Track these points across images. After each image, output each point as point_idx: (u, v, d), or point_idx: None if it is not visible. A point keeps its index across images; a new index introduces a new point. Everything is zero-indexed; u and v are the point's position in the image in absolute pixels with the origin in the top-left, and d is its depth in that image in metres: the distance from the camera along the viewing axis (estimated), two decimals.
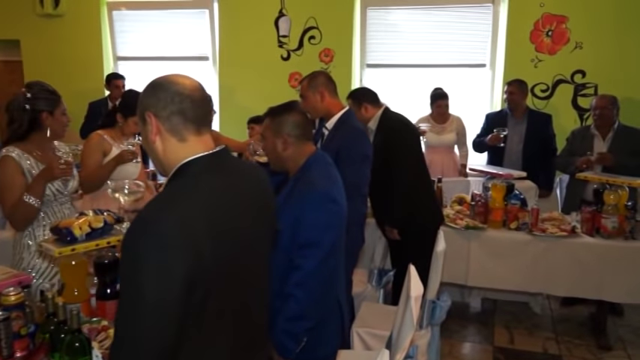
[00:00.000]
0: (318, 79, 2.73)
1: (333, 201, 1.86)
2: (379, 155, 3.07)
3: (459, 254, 3.43)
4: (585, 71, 4.81)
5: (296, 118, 1.99)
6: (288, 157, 1.99)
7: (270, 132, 2.01)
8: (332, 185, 1.92)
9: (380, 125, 3.17)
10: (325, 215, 1.83)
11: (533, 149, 4.36)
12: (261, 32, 5.52)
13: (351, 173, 2.51)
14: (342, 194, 1.95)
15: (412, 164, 3.11)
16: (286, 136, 1.97)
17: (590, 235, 3.30)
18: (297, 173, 1.99)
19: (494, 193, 3.44)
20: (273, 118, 2.01)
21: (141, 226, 1.09)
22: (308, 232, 1.81)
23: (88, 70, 5.92)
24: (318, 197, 1.84)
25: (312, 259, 1.78)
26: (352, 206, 2.50)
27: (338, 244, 1.88)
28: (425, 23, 5.26)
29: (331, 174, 1.99)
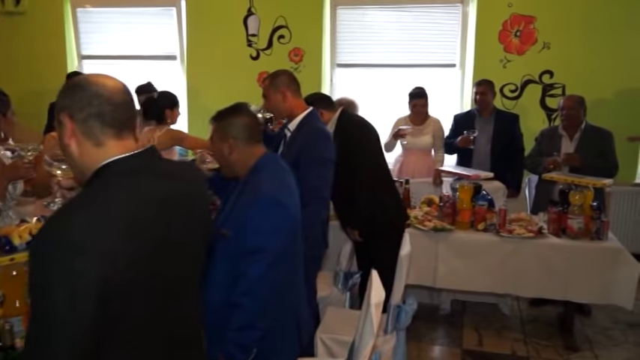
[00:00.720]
0: (279, 79, 2.66)
1: (280, 205, 1.79)
2: (338, 157, 3.02)
3: (427, 256, 3.39)
4: (553, 71, 4.83)
5: (242, 121, 1.93)
6: (236, 161, 1.93)
7: (216, 136, 1.95)
8: (280, 189, 1.86)
9: (337, 128, 3.11)
10: (271, 220, 1.76)
11: (500, 149, 4.35)
12: (230, 31, 5.42)
13: (311, 176, 2.46)
14: (292, 198, 1.89)
15: (370, 164, 3.06)
16: (232, 140, 1.91)
17: (557, 235, 3.30)
18: (245, 177, 1.93)
19: (462, 194, 3.41)
20: (219, 122, 1.95)
21: (48, 231, 1.01)
22: (253, 238, 1.75)
23: (51, 69, 5.73)
24: (264, 201, 1.78)
25: (259, 266, 1.72)
26: (312, 210, 2.45)
27: (290, 249, 1.82)
28: (395, 23, 5.22)
29: (281, 177, 1.92)
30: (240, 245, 1.77)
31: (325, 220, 2.60)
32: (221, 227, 1.85)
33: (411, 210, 3.64)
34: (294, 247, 1.85)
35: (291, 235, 1.83)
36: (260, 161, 1.92)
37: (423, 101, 4.41)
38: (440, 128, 4.50)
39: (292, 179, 1.98)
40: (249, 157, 1.93)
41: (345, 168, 2.97)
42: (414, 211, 3.66)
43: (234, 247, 1.78)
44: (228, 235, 1.80)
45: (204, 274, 1.85)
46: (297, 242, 1.90)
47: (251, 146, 1.94)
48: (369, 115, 4.81)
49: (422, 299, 3.96)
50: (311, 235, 2.44)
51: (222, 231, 1.82)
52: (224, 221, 1.87)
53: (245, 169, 1.93)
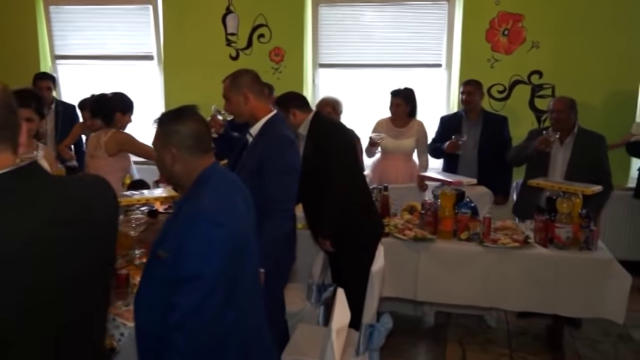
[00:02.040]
0: (241, 79, 2.46)
1: (218, 225, 1.57)
2: (310, 162, 2.83)
3: (407, 267, 3.20)
4: (542, 72, 4.66)
5: (188, 129, 1.70)
6: (179, 172, 1.72)
7: (158, 143, 1.73)
8: (221, 205, 1.64)
9: (310, 131, 2.91)
10: (207, 242, 1.55)
11: (489, 153, 4.17)
12: (208, 30, 5.22)
13: (273, 186, 2.27)
14: (236, 215, 1.68)
15: (344, 173, 2.84)
16: (175, 150, 1.69)
17: (544, 245, 3.11)
18: (187, 191, 1.72)
19: (444, 201, 3.22)
20: (162, 127, 1.73)
21: None
22: (186, 263, 1.54)
23: (23, 70, 5.47)
24: (200, 221, 1.57)
25: (192, 296, 1.51)
26: (274, 223, 2.26)
27: (232, 275, 1.61)
28: (379, 21, 5.04)
29: (225, 192, 1.71)
30: (174, 270, 1.57)
31: (290, 232, 2.40)
32: (158, 247, 1.65)
33: (390, 218, 3.45)
34: (238, 270, 1.65)
35: (233, 258, 1.62)
36: (204, 174, 1.72)
37: (398, 100, 4.20)
38: (424, 132, 4.30)
39: (241, 193, 1.79)
40: (194, 169, 1.72)
41: (316, 175, 2.78)
42: (394, 219, 3.47)
43: (168, 271, 1.57)
44: (165, 256, 1.59)
45: (139, 300, 1.66)
46: (245, 264, 1.70)
47: (197, 157, 1.72)
48: (353, 116, 4.69)
49: (405, 311, 3.79)
50: (273, 249, 2.25)
51: (158, 252, 1.62)
52: (161, 240, 1.67)
53: (189, 182, 1.73)
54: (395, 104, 4.20)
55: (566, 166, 3.61)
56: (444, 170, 4.27)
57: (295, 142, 2.45)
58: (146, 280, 1.67)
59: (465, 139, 4.04)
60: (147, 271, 1.69)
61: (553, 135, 3.57)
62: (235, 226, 1.64)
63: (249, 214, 1.78)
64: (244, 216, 1.73)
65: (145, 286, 1.66)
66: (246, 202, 1.80)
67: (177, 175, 1.74)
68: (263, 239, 2.23)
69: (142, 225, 2.44)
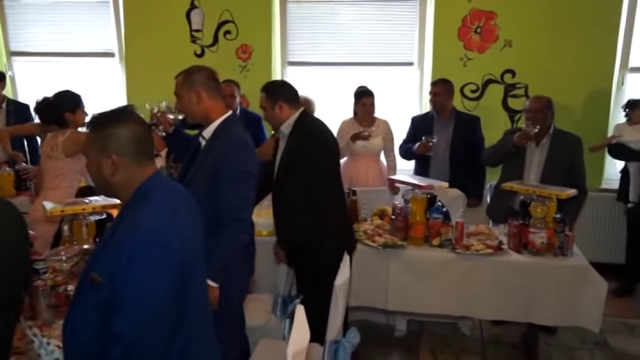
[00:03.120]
0: (195, 76, 2.25)
1: (161, 245, 1.39)
2: (285, 165, 2.65)
3: (377, 275, 3.06)
4: (515, 71, 4.56)
5: (130, 131, 1.51)
6: (119, 183, 1.52)
7: (93, 151, 1.52)
8: (165, 222, 1.46)
9: (293, 131, 2.68)
10: (148, 266, 1.37)
11: (461, 154, 4.05)
12: (172, 26, 5.00)
13: (229, 194, 2.10)
14: (181, 231, 1.50)
15: (319, 183, 2.60)
16: (115, 157, 1.49)
17: (518, 251, 2.99)
18: (125, 204, 1.54)
19: (415, 206, 3.08)
20: (97, 131, 1.52)
21: None
22: (126, 290, 1.36)
23: None
24: (141, 241, 1.38)
25: (135, 326, 1.34)
26: (229, 234, 2.09)
27: (176, 297, 1.43)
28: (349, 18, 4.88)
29: (170, 205, 1.53)
30: (111, 296, 1.38)
31: (248, 243, 2.22)
32: (92, 269, 1.45)
33: (360, 223, 3.30)
34: (186, 293, 1.47)
35: (180, 280, 1.44)
36: (144, 185, 1.53)
37: (372, 99, 4.05)
38: (389, 130, 4.17)
39: (187, 204, 1.60)
40: (135, 179, 1.53)
41: (292, 179, 2.59)
42: (364, 224, 3.32)
43: (109, 298, 1.38)
44: (100, 281, 1.40)
45: (68, 329, 1.47)
46: (193, 285, 1.52)
47: (140, 165, 1.54)
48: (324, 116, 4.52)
49: (376, 319, 3.65)
50: (229, 262, 2.08)
51: (92, 274, 1.43)
52: (95, 260, 1.47)
53: (128, 194, 1.54)
54: (369, 103, 4.05)
55: (541, 167, 3.50)
56: (416, 172, 4.14)
57: (251, 145, 2.25)
58: (77, 307, 1.47)
59: (435, 140, 3.91)
60: (78, 296, 1.49)
61: (533, 129, 3.45)
62: (181, 245, 1.46)
63: (195, 227, 1.60)
64: (191, 231, 1.55)
65: (76, 314, 1.47)
66: (193, 214, 1.62)
67: (116, 187, 1.54)
68: (218, 251, 2.07)
69: (75, 257, 2.12)
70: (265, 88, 2.75)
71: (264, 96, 2.72)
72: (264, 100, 2.71)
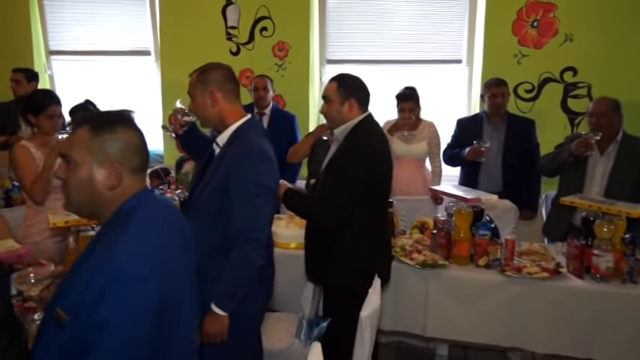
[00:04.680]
0: (209, 75, 1.99)
1: (139, 280, 1.16)
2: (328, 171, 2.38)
3: (414, 297, 2.74)
4: (577, 68, 4.13)
5: (134, 137, 1.32)
6: (109, 200, 1.30)
7: (87, 156, 1.29)
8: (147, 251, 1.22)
9: (347, 137, 2.35)
10: (123, 303, 1.14)
11: (514, 161, 3.67)
12: (208, 23, 4.81)
13: (241, 212, 1.83)
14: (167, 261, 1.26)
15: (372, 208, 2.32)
16: (118, 165, 1.28)
17: (579, 276, 2.60)
18: (103, 226, 1.30)
19: (459, 221, 2.74)
20: (99, 134, 1.29)
21: None
22: (96, 330, 1.14)
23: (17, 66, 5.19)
24: (115, 274, 1.15)
25: None
26: (241, 257, 1.83)
27: (160, 337, 1.19)
28: (393, 13, 4.55)
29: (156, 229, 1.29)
30: (81, 337, 1.15)
31: (263, 266, 1.94)
32: (57, 303, 1.22)
33: (397, 238, 2.98)
34: (168, 332, 1.23)
35: (161, 319, 1.20)
36: (130, 202, 1.30)
37: (411, 105, 3.70)
38: (435, 133, 3.81)
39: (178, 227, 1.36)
40: (123, 194, 1.31)
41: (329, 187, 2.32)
42: (402, 238, 3.00)
43: (76, 339, 1.16)
44: (65, 319, 1.17)
45: None
46: (178, 322, 1.28)
47: (132, 179, 1.33)
48: None
49: (414, 342, 3.32)
50: (240, 288, 1.83)
51: (57, 310, 1.20)
52: (62, 294, 1.24)
53: (110, 211, 1.31)
54: (407, 109, 3.70)
55: (606, 179, 3.08)
56: (463, 181, 3.78)
57: (270, 155, 1.95)
58: (40, 349, 1.25)
59: (488, 145, 3.54)
60: (42, 335, 1.27)
61: (594, 136, 3.05)
62: (163, 279, 1.22)
63: (184, 257, 1.35)
64: (178, 263, 1.31)
65: (40, 357, 1.24)
66: (185, 241, 1.38)
67: (105, 204, 1.31)
68: (227, 277, 1.82)
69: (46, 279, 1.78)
70: (339, 77, 2.41)
71: (334, 86, 2.37)
72: (332, 91, 2.36)
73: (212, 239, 1.84)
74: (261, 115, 4.07)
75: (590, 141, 3.06)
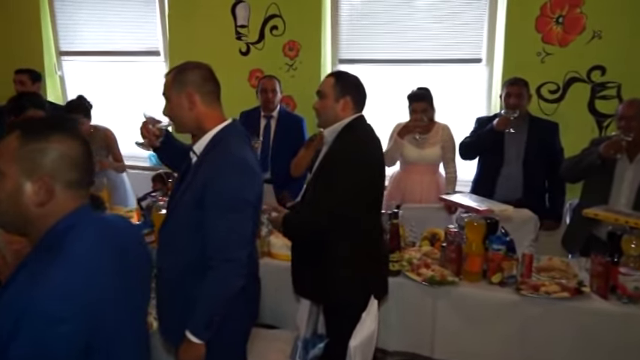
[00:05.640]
0: (188, 75, 1.79)
1: (57, 321, 0.99)
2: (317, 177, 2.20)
3: (421, 316, 2.53)
4: (605, 67, 3.82)
5: (70, 148, 1.15)
6: (39, 217, 1.13)
7: (14, 166, 1.13)
8: (78, 284, 1.06)
9: (337, 139, 2.18)
10: (34, 346, 0.99)
11: (535, 166, 3.43)
12: (217, 21, 4.67)
13: (218, 227, 1.64)
14: (104, 295, 1.09)
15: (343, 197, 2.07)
16: (48, 179, 1.12)
17: (603, 296, 2.36)
18: (35, 246, 1.14)
19: (470, 233, 2.52)
20: (27, 142, 1.14)
21: None
22: None
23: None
24: (31, 311, 0.99)
25: None
26: (218, 277, 1.62)
27: None
28: (408, 10, 4.31)
29: (96, 257, 1.12)
30: None
31: (244, 287, 1.74)
32: None
33: (403, 251, 2.76)
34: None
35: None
36: (65, 221, 1.13)
37: (423, 105, 3.47)
38: (450, 137, 3.58)
39: (121, 252, 1.19)
40: (55, 212, 1.15)
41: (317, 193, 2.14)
42: (410, 251, 2.79)
43: None
44: None
45: None
46: None
47: (68, 195, 1.16)
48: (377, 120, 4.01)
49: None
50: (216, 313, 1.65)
51: None
52: None
53: (41, 232, 1.14)
54: (419, 110, 3.48)
55: (635, 188, 2.81)
56: (476, 188, 3.52)
57: (252, 164, 1.75)
58: None
59: (517, 114, 3.30)
60: None
61: (625, 137, 2.80)
62: (94, 321, 1.05)
63: (136, 287, 1.19)
64: (121, 298, 1.13)
65: None
66: (137, 269, 1.21)
67: (34, 221, 1.15)
68: (203, 301, 1.64)
69: None
70: (337, 73, 2.31)
71: (332, 81, 2.22)
72: (329, 86, 2.21)
73: (189, 254, 1.67)
74: (268, 118, 3.90)
75: (622, 142, 2.80)
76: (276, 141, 3.84)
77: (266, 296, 2.71)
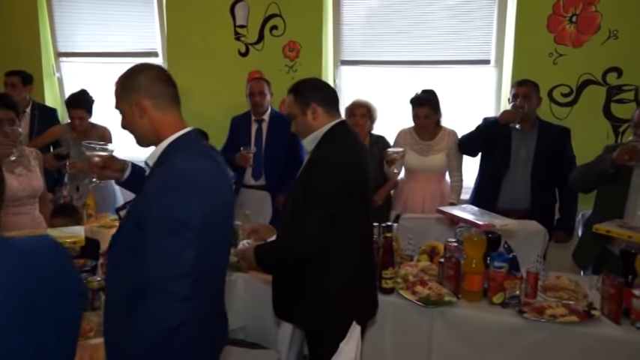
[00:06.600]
0: (134, 79, 1.58)
1: None
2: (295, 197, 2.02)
3: (416, 338, 2.33)
4: (622, 69, 3.61)
5: None
6: None
7: None
8: None
9: (317, 148, 2.01)
10: None
11: (545, 175, 3.22)
12: (215, 21, 4.52)
13: (151, 252, 1.41)
14: None
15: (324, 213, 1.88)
16: None
17: (616, 321, 2.14)
18: None
19: (470, 250, 2.31)
20: None
21: None
22: None
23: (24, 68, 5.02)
24: None
25: None
26: (148, 312, 1.38)
27: None
28: (413, 10, 4.11)
29: None
30: None
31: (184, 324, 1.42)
32: None
33: (401, 265, 2.57)
34: None
35: None
36: None
37: (426, 110, 3.29)
38: (456, 143, 3.38)
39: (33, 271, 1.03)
40: None
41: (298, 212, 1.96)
42: (406, 266, 2.59)
43: None
44: None
45: None
46: None
47: None
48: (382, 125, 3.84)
49: None
50: (146, 354, 1.42)
51: None
52: None
53: None
54: (422, 116, 3.30)
55: None
56: (478, 197, 3.32)
57: (200, 182, 1.49)
58: None
59: (526, 109, 3.16)
60: None
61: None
62: None
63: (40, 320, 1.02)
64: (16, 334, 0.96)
65: None
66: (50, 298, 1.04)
67: None
68: (134, 338, 1.43)
69: None
70: (293, 87, 2.09)
71: (291, 98, 2.06)
72: (291, 104, 2.05)
73: (132, 282, 1.44)
74: (259, 122, 3.72)
75: (638, 148, 2.58)
76: (268, 145, 3.66)
77: (249, 313, 2.56)
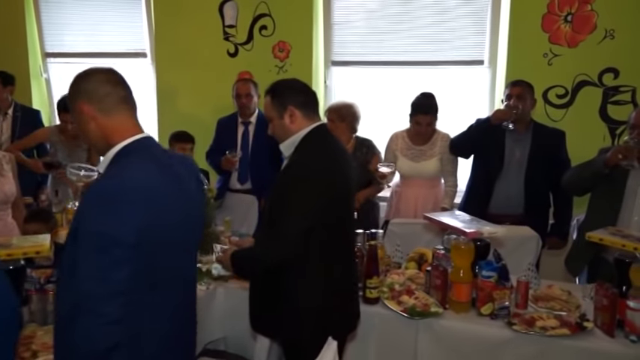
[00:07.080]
0: (80, 84, 1.49)
1: None
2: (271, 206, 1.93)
3: (401, 350, 2.24)
4: (618, 70, 3.53)
5: None
6: None
7: None
8: None
9: (294, 152, 1.92)
10: None
11: (539, 178, 3.12)
12: (204, 22, 4.43)
13: (81, 267, 1.30)
14: None
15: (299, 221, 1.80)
16: None
17: (609, 333, 2.04)
18: None
19: (457, 258, 2.21)
20: None
21: None
22: None
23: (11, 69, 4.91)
24: None
25: None
26: (77, 333, 1.27)
27: None
28: (406, 9, 4.03)
29: None
30: None
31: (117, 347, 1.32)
32: None
33: (388, 273, 2.47)
34: None
35: None
36: None
37: (429, 118, 3.21)
38: None
39: None
40: None
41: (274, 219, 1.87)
42: (393, 274, 2.49)
43: None
44: None
45: None
46: None
47: None
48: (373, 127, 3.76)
49: None
50: None
51: None
52: None
53: None
54: (424, 123, 3.22)
55: None
56: (468, 202, 3.23)
57: (140, 194, 1.37)
58: None
59: (520, 109, 3.06)
60: None
61: (637, 145, 2.50)
62: None
63: None
64: None
65: None
66: None
67: None
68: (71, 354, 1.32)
69: None
70: (270, 89, 1.98)
71: (268, 100, 1.96)
72: (268, 107, 1.96)
73: (71, 297, 1.32)
74: (246, 124, 3.63)
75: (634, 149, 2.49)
76: (255, 148, 3.57)
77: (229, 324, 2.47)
